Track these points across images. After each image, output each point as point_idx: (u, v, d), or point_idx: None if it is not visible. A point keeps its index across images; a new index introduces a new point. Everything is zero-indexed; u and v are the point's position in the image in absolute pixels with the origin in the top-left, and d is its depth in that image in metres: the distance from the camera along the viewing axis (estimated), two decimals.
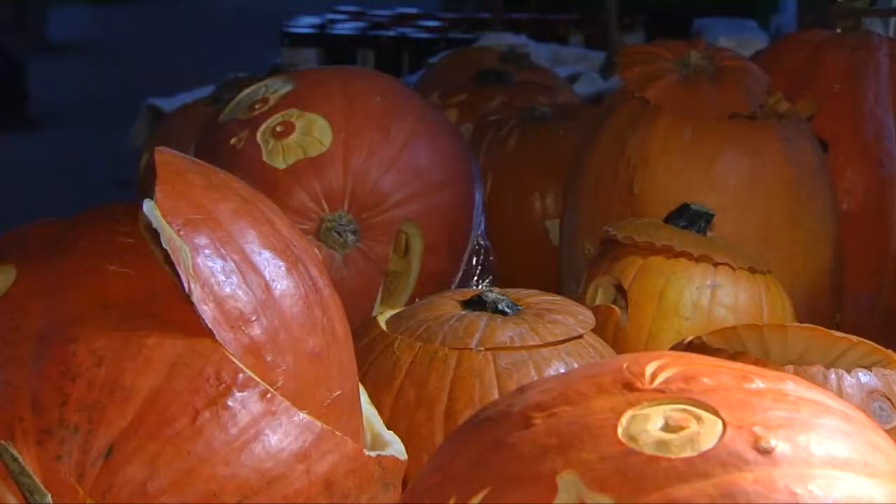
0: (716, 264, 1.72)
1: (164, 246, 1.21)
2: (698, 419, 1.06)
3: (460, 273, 2.01)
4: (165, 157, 1.30)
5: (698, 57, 2.02)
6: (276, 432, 1.21)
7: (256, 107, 1.96)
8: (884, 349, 1.54)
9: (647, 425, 1.06)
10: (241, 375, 1.21)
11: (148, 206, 1.22)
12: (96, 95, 8.98)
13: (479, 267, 2.04)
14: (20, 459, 1.15)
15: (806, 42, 2.32)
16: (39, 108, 9.27)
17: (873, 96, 2.17)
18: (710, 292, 1.71)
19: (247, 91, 2.01)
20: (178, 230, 1.23)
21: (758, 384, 1.10)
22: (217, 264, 1.24)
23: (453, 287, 1.96)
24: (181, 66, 4.68)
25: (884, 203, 2.13)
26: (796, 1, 5.06)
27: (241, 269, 1.25)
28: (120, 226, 1.28)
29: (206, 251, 1.24)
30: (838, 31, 2.35)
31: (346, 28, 4.10)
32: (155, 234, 1.22)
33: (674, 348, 1.56)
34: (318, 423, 1.24)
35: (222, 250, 1.25)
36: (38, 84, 9.43)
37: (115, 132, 3.35)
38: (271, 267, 1.28)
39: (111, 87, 7.81)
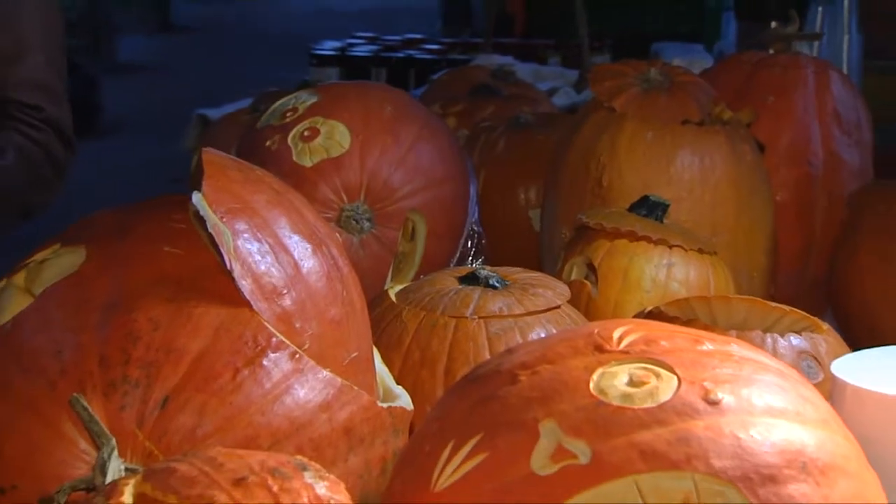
0: (671, 246, 1.72)
1: (210, 231, 1.21)
2: (657, 376, 1.05)
3: (458, 254, 2.01)
4: (211, 157, 1.30)
5: (656, 73, 2.02)
6: (304, 387, 1.21)
7: (288, 115, 1.96)
8: (811, 317, 1.54)
9: (615, 381, 1.05)
10: (274, 339, 1.20)
11: (196, 198, 1.22)
12: (156, 107, 8.99)
13: (474, 249, 2.04)
14: (90, 409, 1.14)
15: (745, 62, 2.33)
16: (109, 118, 9.31)
17: (801, 107, 2.18)
18: (667, 270, 1.71)
19: (279, 102, 2.01)
20: (222, 217, 1.22)
21: (707, 346, 1.10)
22: (254, 246, 1.23)
23: (452, 266, 1.95)
24: (225, 82, 4.67)
25: (810, 196, 2.14)
26: (736, 28, 5.06)
27: (274, 250, 1.25)
28: (173, 214, 1.27)
29: (245, 235, 1.23)
30: (771, 52, 2.35)
31: (362, 50, 4.11)
32: (202, 221, 1.22)
33: (636, 317, 1.56)
34: (339, 380, 1.24)
35: (258, 234, 1.24)
36: (109, 98, 9.47)
37: (170, 138, 3.33)
38: (299, 248, 1.27)
39: (168, 101, 7.80)
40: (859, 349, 1.34)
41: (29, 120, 1.87)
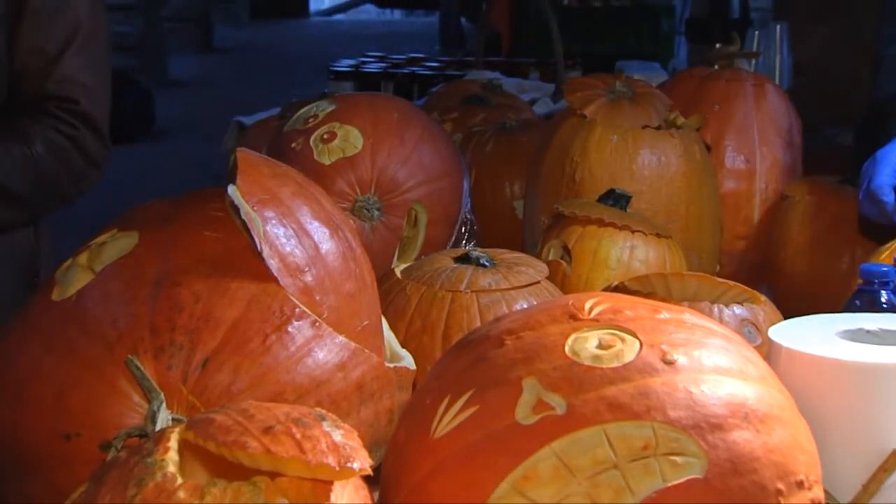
0: (633, 231, 1.72)
1: (243, 218, 1.20)
2: (622, 340, 1.05)
3: (453, 238, 2.01)
4: (244, 156, 1.29)
5: (621, 85, 2.02)
6: (323, 350, 1.20)
7: (310, 121, 1.96)
8: (751, 290, 1.54)
9: (586, 344, 1.05)
10: (297, 309, 1.20)
11: (232, 190, 1.22)
12: (200, 116, 9.01)
13: (467, 234, 2.04)
14: (142, 369, 1.14)
15: (694, 76, 2.33)
16: (161, 125, 9.32)
17: (742, 113, 2.18)
18: (630, 251, 1.71)
19: (303, 110, 2.01)
20: (253, 206, 1.21)
21: (664, 315, 1.09)
22: (280, 231, 1.23)
23: (448, 248, 1.95)
24: (258, 94, 4.67)
25: (749, 188, 2.14)
26: (687, 49, 5.06)
27: (297, 234, 1.24)
28: (212, 204, 1.26)
29: (273, 221, 1.23)
30: (717, 68, 2.34)
31: (373, 67, 4.10)
32: (237, 210, 1.21)
33: (604, 291, 1.56)
34: (353, 344, 1.23)
35: (284, 221, 1.24)
36: (161, 109, 9.49)
37: (212, 141, 3.32)
38: (319, 233, 1.27)
39: (210, 110, 7.82)
40: (791, 317, 1.33)
41: (62, 115, 1.84)
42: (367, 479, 0.99)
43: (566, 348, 1.04)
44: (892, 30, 2.15)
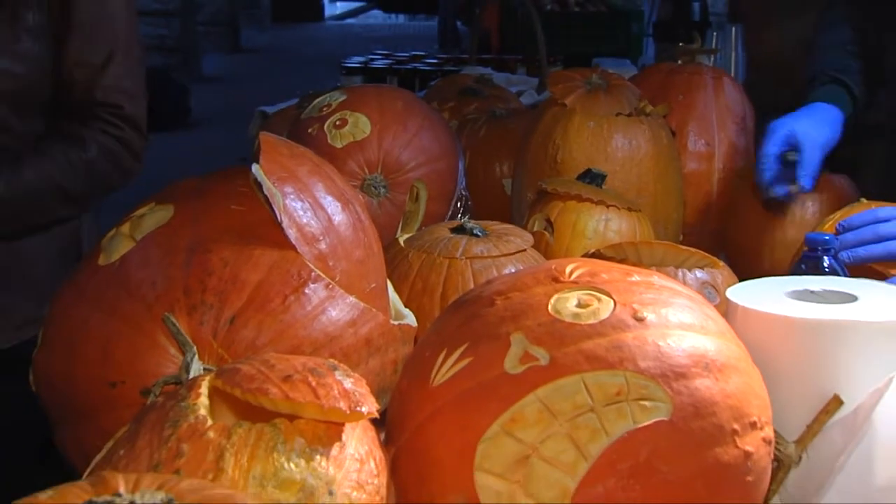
0: (608, 206, 1.71)
1: (265, 193, 1.19)
2: (598, 300, 1.04)
3: (450, 212, 2.00)
4: (267, 139, 1.28)
5: (597, 78, 2.00)
6: (335, 309, 1.19)
7: (324, 109, 1.94)
8: (711, 257, 1.53)
9: (567, 304, 1.04)
10: (313, 273, 1.19)
11: (255, 168, 1.20)
12: (229, 107, 8.96)
13: (462, 208, 2.03)
14: (177, 325, 1.14)
15: (661, 70, 2.32)
16: (196, 115, 9.30)
17: (703, 103, 2.16)
18: (605, 223, 1.70)
19: (318, 100, 1.99)
20: (274, 183, 1.20)
21: (635, 278, 1.08)
22: (298, 204, 1.21)
23: (445, 220, 1.94)
24: (279, 87, 4.65)
25: (709, 168, 2.13)
26: (654, 48, 5.05)
27: (313, 208, 1.23)
28: (238, 180, 1.25)
29: (291, 196, 1.21)
30: (680, 63, 2.33)
31: (380, 63, 4.08)
32: (260, 186, 1.20)
33: (583, 257, 1.55)
34: (362, 304, 1.22)
35: (301, 195, 1.22)
36: (196, 101, 9.47)
37: (239, 129, 3.30)
38: (332, 206, 1.25)
39: (238, 102, 7.78)
40: (745, 280, 1.32)
41: (111, 119, 1.83)
42: (374, 421, 0.99)
43: (549, 307, 1.03)
44: (829, 18, 2.12)
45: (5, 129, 1.75)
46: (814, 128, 1.85)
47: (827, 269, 1.44)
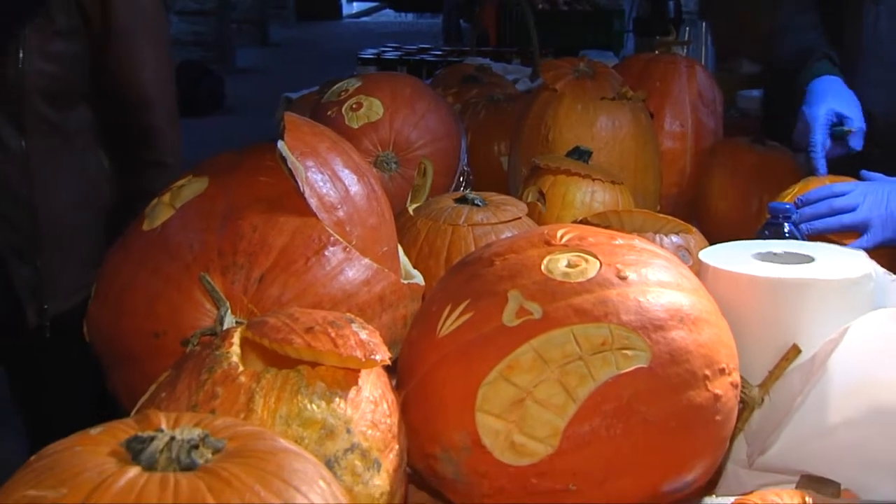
0: (593, 179, 1.69)
1: (290, 166, 1.17)
2: (586, 260, 1.03)
3: (453, 185, 1.98)
4: (291, 119, 1.26)
5: (584, 66, 1.98)
6: (352, 269, 1.18)
7: (342, 94, 1.91)
8: (685, 224, 1.51)
9: (558, 264, 1.03)
10: (332, 238, 1.17)
11: (281, 145, 1.18)
12: (258, 94, 8.91)
13: (464, 182, 2.01)
14: (212, 283, 1.12)
15: (641, 60, 2.29)
16: (230, 103, 9.25)
17: (677, 89, 2.14)
18: (591, 194, 1.67)
19: (336, 86, 1.96)
20: (297, 157, 1.18)
21: (618, 241, 1.07)
22: (318, 176, 1.20)
23: (450, 192, 1.92)
24: (302, 77, 4.63)
25: (683, 146, 2.11)
26: (634, 42, 5.01)
27: (332, 179, 1.21)
28: (266, 155, 1.23)
29: (313, 169, 1.20)
30: (657, 53, 2.30)
31: (391, 55, 4.04)
32: (284, 160, 1.18)
33: (572, 223, 1.53)
34: (375, 265, 1.21)
35: (321, 168, 1.20)
36: (230, 90, 9.42)
37: (268, 114, 3.28)
38: (349, 178, 1.23)
39: (266, 90, 7.74)
40: (714, 244, 1.31)
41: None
42: (386, 368, 0.97)
43: (542, 267, 1.02)
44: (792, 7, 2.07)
45: (41, 119, 1.74)
46: (844, 100, 1.77)
47: (787, 235, 1.43)
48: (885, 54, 1.71)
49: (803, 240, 1.41)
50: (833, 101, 1.75)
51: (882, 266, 1.23)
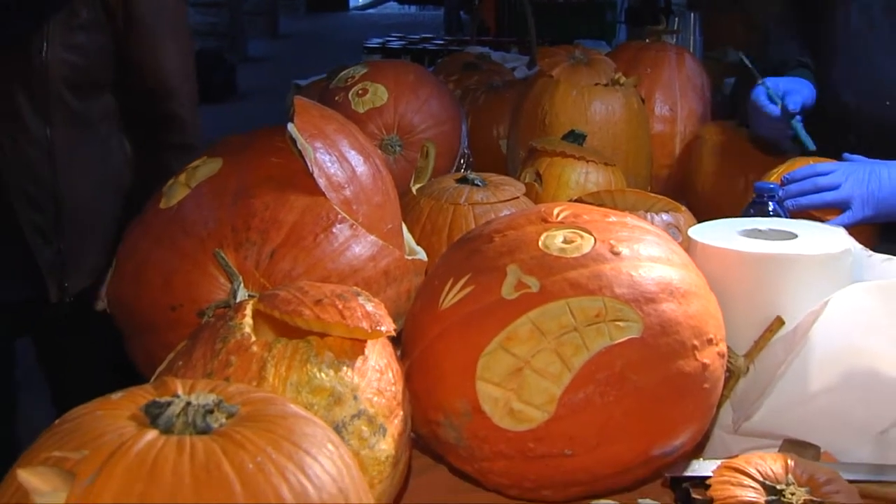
0: (588, 161, 1.68)
1: (299, 147, 1.16)
2: (581, 237, 1.02)
3: (454, 167, 1.97)
4: (300, 102, 1.25)
5: (579, 54, 1.96)
6: (358, 245, 1.17)
7: (348, 80, 1.90)
8: (674, 202, 1.50)
9: (554, 240, 1.02)
10: (339, 215, 1.16)
11: (290, 127, 1.18)
12: (270, 82, 8.89)
13: (465, 164, 1.99)
14: (226, 258, 1.12)
15: (633, 47, 2.27)
16: (242, 91, 9.21)
17: (668, 75, 2.12)
18: (585, 175, 1.66)
19: (343, 73, 1.95)
20: (306, 139, 1.17)
21: (612, 219, 1.06)
22: (326, 157, 1.19)
23: (451, 173, 1.91)
24: (310, 65, 4.61)
25: (672, 130, 2.09)
26: (626, 32, 4.98)
27: (339, 160, 1.20)
28: (276, 137, 1.22)
29: (321, 150, 1.18)
30: (648, 41, 2.28)
31: (395, 44, 4.03)
32: (294, 141, 1.17)
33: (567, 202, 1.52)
34: (381, 241, 1.20)
35: (329, 150, 1.19)
36: (242, 78, 9.38)
37: (278, 100, 3.26)
38: (355, 159, 1.23)
39: (276, 77, 7.71)
40: (702, 221, 1.30)
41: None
42: (391, 339, 0.97)
43: (539, 243, 1.01)
44: (771, 19, 2.05)
45: (65, 107, 1.73)
46: (784, 79, 1.73)
47: (772, 213, 1.42)
48: (855, 49, 1.70)
49: (787, 217, 1.41)
50: (771, 81, 1.72)
51: (860, 242, 1.22)
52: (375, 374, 0.91)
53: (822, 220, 1.50)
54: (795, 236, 1.19)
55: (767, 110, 1.66)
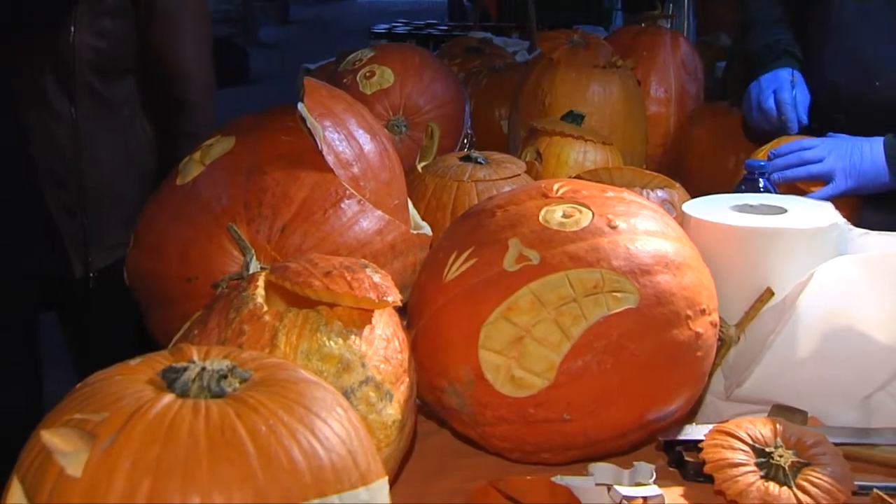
0: (586, 140, 1.66)
1: (309, 126, 1.15)
2: (580, 211, 1.01)
3: (458, 147, 1.95)
4: (310, 83, 1.24)
5: (578, 38, 1.96)
6: (366, 220, 1.16)
7: (356, 64, 1.88)
8: (669, 179, 1.49)
9: (554, 214, 1.01)
10: (347, 191, 1.15)
11: (300, 106, 1.17)
12: (280, 67, 8.83)
13: (468, 143, 1.98)
14: (239, 233, 1.11)
15: (630, 31, 2.26)
16: (254, 75, 9.17)
17: (662, 58, 2.11)
18: (583, 154, 1.65)
19: (351, 56, 1.94)
20: (315, 118, 1.16)
21: (609, 194, 1.05)
22: (335, 135, 1.18)
23: (455, 152, 1.90)
24: (319, 50, 4.59)
25: (667, 111, 2.08)
26: (622, 19, 4.94)
27: (348, 138, 1.19)
28: (287, 116, 1.21)
29: (330, 129, 1.17)
30: (644, 26, 2.26)
31: (402, 29, 4.00)
32: (304, 120, 1.16)
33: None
34: (387, 216, 1.19)
35: (338, 128, 1.19)
36: (254, 63, 9.34)
37: (289, 85, 3.24)
38: (363, 137, 1.21)
39: (286, 62, 7.68)
40: (696, 197, 1.29)
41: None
42: (397, 310, 0.96)
43: (540, 217, 1.01)
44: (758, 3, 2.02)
45: (90, 90, 1.73)
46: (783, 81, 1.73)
47: (762, 189, 1.41)
48: (845, 30, 1.68)
49: (776, 193, 1.40)
50: (786, 93, 1.70)
51: (844, 217, 1.22)
52: (382, 343, 0.90)
53: (806, 192, 1.49)
54: (785, 211, 1.18)
55: (790, 125, 1.63)
